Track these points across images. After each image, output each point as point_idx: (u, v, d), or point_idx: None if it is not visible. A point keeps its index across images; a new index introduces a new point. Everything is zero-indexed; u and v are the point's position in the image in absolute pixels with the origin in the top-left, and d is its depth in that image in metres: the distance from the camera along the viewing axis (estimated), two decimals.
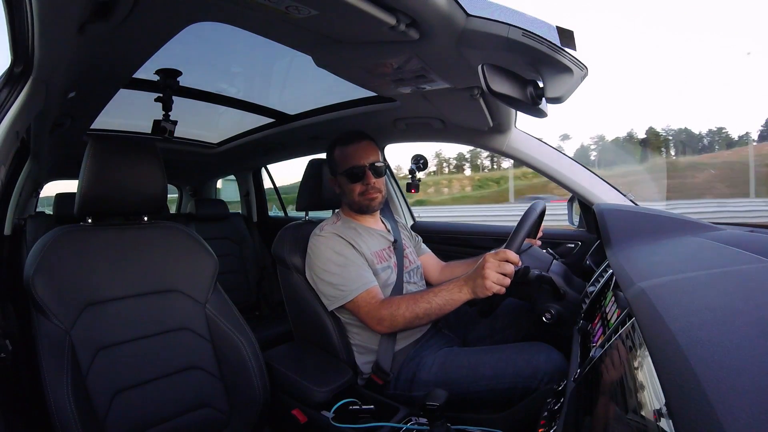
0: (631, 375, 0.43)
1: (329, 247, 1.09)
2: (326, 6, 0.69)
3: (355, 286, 1.04)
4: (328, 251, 1.08)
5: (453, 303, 0.96)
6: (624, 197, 1.32)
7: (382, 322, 1.01)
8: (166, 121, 1.54)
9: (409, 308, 0.98)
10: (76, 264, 0.86)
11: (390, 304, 1.01)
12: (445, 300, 0.96)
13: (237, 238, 2.47)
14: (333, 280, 1.06)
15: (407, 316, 0.98)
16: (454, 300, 0.96)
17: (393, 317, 1.00)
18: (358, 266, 1.07)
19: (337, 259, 1.07)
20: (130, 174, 0.91)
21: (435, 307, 0.97)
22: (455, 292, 0.96)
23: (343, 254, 1.08)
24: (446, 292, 0.97)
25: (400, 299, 1.01)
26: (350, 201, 1.18)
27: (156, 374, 0.90)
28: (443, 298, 0.97)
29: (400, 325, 1.01)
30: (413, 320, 0.99)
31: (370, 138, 1.19)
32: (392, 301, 1.02)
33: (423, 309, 0.97)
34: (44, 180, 2.55)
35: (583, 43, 0.69)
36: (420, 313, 0.98)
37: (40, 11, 0.65)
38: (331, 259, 1.07)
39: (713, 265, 0.62)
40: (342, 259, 1.07)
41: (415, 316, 0.98)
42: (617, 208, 1.08)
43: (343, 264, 1.06)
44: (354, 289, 1.04)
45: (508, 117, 1.27)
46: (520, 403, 0.95)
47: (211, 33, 1.09)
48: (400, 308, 0.99)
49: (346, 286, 1.04)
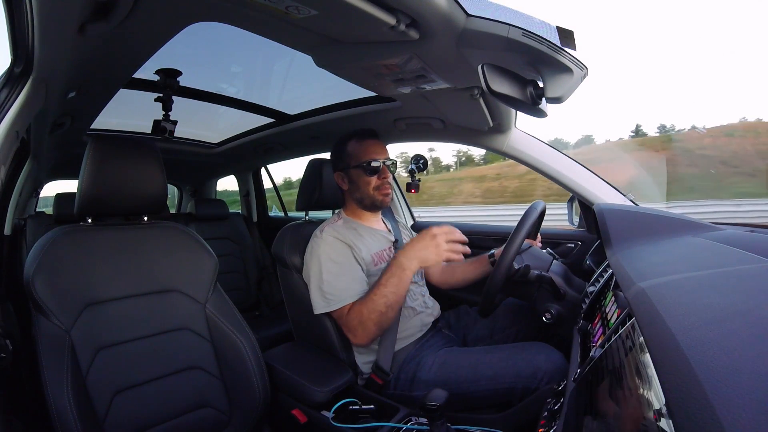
0: (631, 375, 0.43)
1: (325, 253, 1.09)
2: (326, 6, 0.69)
3: (340, 297, 1.05)
4: (324, 256, 1.08)
5: (404, 282, 1.00)
6: (624, 197, 1.32)
7: (357, 333, 1.03)
8: (166, 121, 1.54)
9: (371, 309, 1.00)
10: (76, 264, 0.86)
11: (355, 314, 1.02)
12: (395, 284, 1.00)
13: (237, 238, 2.47)
14: (322, 287, 1.06)
15: (373, 317, 1.00)
16: (403, 280, 1.00)
17: (363, 325, 1.01)
18: (348, 277, 1.07)
19: (330, 267, 1.07)
20: (130, 174, 0.91)
21: (391, 296, 0.99)
22: (399, 272, 1.00)
23: (337, 262, 1.08)
24: (392, 278, 1.00)
25: (360, 306, 1.02)
26: (363, 195, 1.18)
27: (156, 374, 0.90)
28: (392, 284, 1.00)
29: (373, 329, 1.01)
30: (381, 319, 1.00)
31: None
32: (354, 311, 1.03)
33: (382, 303, 0.99)
34: (44, 180, 2.55)
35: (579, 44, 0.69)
36: (382, 309, 0.99)
37: (40, 11, 0.65)
38: (325, 265, 1.07)
39: (713, 265, 0.62)
40: (336, 267, 1.07)
41: (380, 313, 0.99)
42: (617, 208, 1.08)
43: (335, 273, 1.07)
44: (338, 300, 1.05)
45: (508, 117, 1.27)
46: (520, 403, 0.95)
47: (211, 33, 1.09)
48: (363, 315, 1.01)
49: (333, 296, 1.05)
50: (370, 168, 1.15)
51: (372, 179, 1.17)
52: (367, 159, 1.16)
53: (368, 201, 1.19)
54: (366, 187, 1.17)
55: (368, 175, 1.16)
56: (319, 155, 1.74)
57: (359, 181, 1.18)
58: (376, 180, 1.17)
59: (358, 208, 1.22)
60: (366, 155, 1.16)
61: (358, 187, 1.18)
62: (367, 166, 1.15)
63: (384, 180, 1.17)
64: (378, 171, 1.16)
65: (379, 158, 1.17)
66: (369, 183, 1.17)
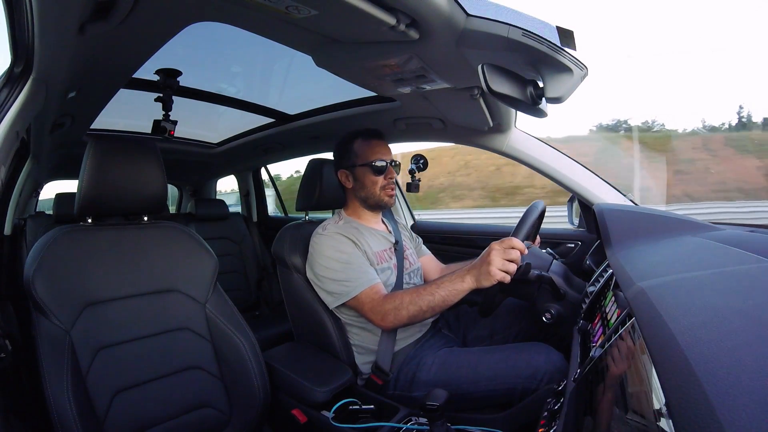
0: (631, 375, 0.43)
1: (332, 246, 1.09)
2: (326, 6, 0.69)
3: (359, 282, 1.04)
4: (331, 249, 1.08)
5: (456, 294, 0.95)
6: (624, 197, 1.32)
7: (386, 317, 1.00)
8: (166, 121, 1.54)
9: (413, 302, 0.97)
10: (76, 264, 0.86)
11: (393, 298, 1.00)
12: (448, 291, 0.95)
13: (237, 238, 2.47)
14: (337, 276, 1.06)
15: (411, 309, 0.97)
16: (457, 291, 0.95)
17: (397, 311, 0.99)
18: (361, 263, 1.07)
19: (340, 257, 1.07)
20: (130, 174, 0.91)
21: (438, 300, 0.96)
22: (458, 282, 0.95)
23: (346, 252, 1.08)
24: (449, 284, 0.95)
25: (403, 293, 1.00)
26: (368, 194, 1.19)
27: (156, 374, 0.90)
28: (446, 289, 0.95)
29: (404, 320, 0.99)
30: (417, 314, 0.98)
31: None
32: (395, 295, 1.01)
33: (426, 302, 0.96)
34: (44, 180, 2.55)
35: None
36: (424, 306, 0.97)
37: (40, 11, 0.65)
38: (334, 256, 1.07)
39: (713, 265, 0.62)
40: (345, 256, 1.07)
41: (419, 309, 0.97)
42: (617, 208, 1.08)
43: (346, 261, 1.06)
44: (358, 285, 1.04)
45: (508, 117, 1.27)
46: (520, 403, 0.95)
47: (211, 33, 1.09)
48: (403, 302, 0.98)
49: (351, 282, 1.04)
50: (377, 167, 1.16)
51: (379, 179, 1.17)
52: (375, 158, 1.16)
53: (373, 200, 1.19)
54: (372, 187, 1.18)
55: (375, 174, 1.17)
56: (319, 155, 1.74)
57: (365, 179, 1.18)
58: (382, 179, 1.17)
59: (360, 208, 1.22)
60: (373, 154, 1.17)
61: (363, 186, 1.19)
62: (374, 166, 1.16)
63: (390, 180, 1.18)
64: (385, 171, 1.17)
65: (386, 158, 1.17)
66: (375, 182, 1.17)
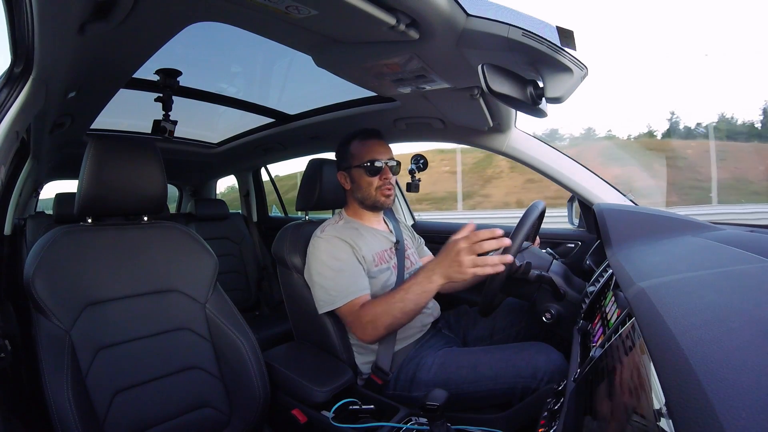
0: (631, 375, 0.43)
1: (327, 251, 1.08)
2: (326, 6, 0.69)
3: (345, 293, 1.04)
4: (325, 255, 1.08)
5: (427, 295, 0.95)
6: (624, 197, 1.32)
7: (365, 331, 1.01)
8: (166, 121, 1.54)
9: (385, 312, 0.97)
10: (76, 264, 0.86)
11: (367, 312, 1.00)
12: (418, 294, 0.95)
13: (237, 238, 2.47)
14: (326, 284, 1.06)
15: (385, 320, 0.97)
16: (426, 292, 0.94)
17: (374, 324, 0.99)
18: (352, 273, 1.06)
19: (333, 264, 1.07)
20: (130, 174, 0.91)
21: (410, 305, 0.95)
22: (425, 283, 0.94)
23: (339, 259, 1.07)
24: (417, 286, 0.95)
25: (375, 305, 1.00)
26: (364, 196, 1.18)
27: (156, 374, 0.90)
28: (415, 292, 0.95)
29: (382, 331, 0.99)
30: (393, 323, 0.98)
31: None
32: (368, 309, 1.00)
33: (398, 309, 0.96)
34: (44, 180, 2.55)
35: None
36: (397, 314, 0.96)
37: (40, 11, 0.65)
38: (327, 263, 1.07)
39: (713, 265, 0.62)
40: (338, 264, 1.07)
41: (393, 318, 0.97)
42: (617, 208, 1.08)
43: (338, 269, 1.06)
44: (343, 296, 1.04)
45: (508, 117, 1.27)
46: (520, 403, 0.95)
47: (211, 33, 1.09)
48: (377, 314, 0.98)
49: (337, 292, 1.04)
50: (372, 168, 1.15)
51: (374, 179, 1.17)
52: (370, 159, 1.16)
53: (369, 201, 1.18)
54: (368, 188, 1.17)
55: (370, 175, 1.16)
56: (319, 155, 1.74)
57: (361, 181, 1.18)
58: (378, 180, 1.17)
59: (359, 208, 1.22)
60: (368, 155, 1.16)
61: (359, 187, 1.18)
62: (369, 166, 1.15)
63: (386, 180, 1.17)
64: (380, 171, 1.16)
65: (382, 158, 1.16)
66: (371, 183, 1.17)
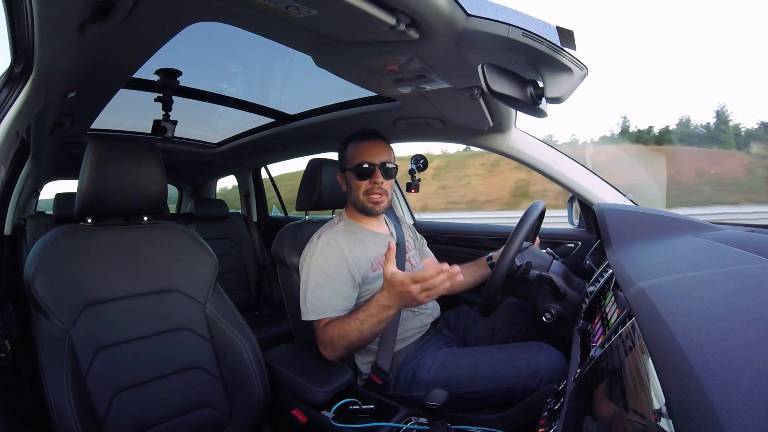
0: (631, 375, 0.43)
1: (316, 263, 1.08)
2: (326, 6, 0.69)
3: (318, 309, 1.04)
4: (313, 265, 1.08)
5: (384, 322, 0.95)
6: (624, 197, 1.32)
7: (326, 349, 1.03)
8: (166, 121, 1.54)
9: (342, 336, 0.98)
10: (76, 264, 0.86)
11: (327, 332, 1.01)
12: (374, 323, 0.94)
13: (237, 238, 2.47)
14: (307, 295, 1.06)
15: (342, 343, 0.99)
16: (383, 320, 0.94)
17: (332, 345, 1.01)
18: (334, 290, 1.05)
19: (318, 278, 1.06)
20: (130, 174, 0.91)
21: (367, 331, 0.96)
22: (382, 313, 0.92)
23: (326, 273, 1.06)
24: (373, 318, 0.93)
25: (334, 327, 1.00)
26: (354, 199, 1.16)
27: (156, 374, 0.90)
28: (371, 322, 0.94)
29: (341, 352, 1.01)
30: (349, 346, 0.99)
31: (385, 139, 1.18)
32: (330, 328, 1.01)
33: (355, 335, 0.96)
34: (44, 180, 2.55)
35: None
36: (353, 339, 0.97)
37: (40, 11, 0.65)
38: (312, 274, 1.07)
39: (713, 265, 0.62)
40: (323, 278, 1.06)
41: (350, 342, 0.98)
42: (617, 208, 1.08)
43: (322, 284, 1.05)
44: (314, 312, 1.04)
45: (508, 117, 1.27)
46: (520, 403, 0.95)
47: (211, 33, 1.09)
48: (334, 337, 0.99)
49: (313, 306, 1.05)
50: (359, 170, 1.11)
51: (362, 183, 1.12)
52: (359, 161, 1.11)
53: (359, 205, 1.16)
54: (356, 191, 1.14)
55: (358, 178, 1.12)
56: (319, 155, 1.74)
57: (351, 183, 1.15)
58: (366, 184, 1.12)
59: (356, 211, 1.22)
60: (359, 157, 1.12)
61: (351, 190, 1.16)
62: (356, 169, 1.11)
63: (374, 185, 1.11)
64: (369, 175, 1.11)
65: (372, 160, 1.11)
66: (359, 187, 1.13)
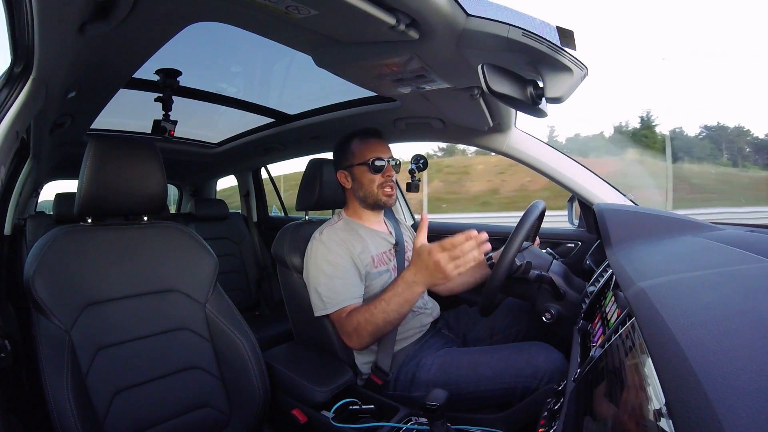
0: (631, 375, 0.43)
1: (323, 255, 1.09)
2: (326, 6, 0.69)
3: (335, 301, 1.05)
4: (321, 259, 1.08)
5: (410, 303, 0.96)
6: (624, 197, 1.32)
7: (351, 338, 1.02)
8: (166, 121, 1.54)
9: (368, 321, 0.98)
10: (76, 264, 0.86)
11: (352, 319, 1.01)
12: (400, 304, 0.95)
13: (237, 238, 2.47)
14: (319, 289, 1.06)
15: (369, 328, 0.98)
16: (409, 300, 0.95)
17: (358, 332, 1.00)
18: (344, 280, 1.06)
19: (327, 269, 1.07)
20: (130, 174, 0.91)
21: (393, 313, 0.96)
22: (408, 293, 0.94)
23: (334, 264, 1.07)
24: (399, 297, 0.95)
25: (359, 314, 1.00)
26: (366, 194, 1.18)
27: (156, 374, 0.90)
28: (397, 302, 0.95)
29: (367, 338, 1.00)
30: (376, 331, 0.99)
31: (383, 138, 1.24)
32: (353, 317, 1.01)
33: (382, 318, 0.96)
34: (44, 180, 2.55)
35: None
36: (380, 323, 0.97)
37: (40, 11, 0.65)
38: (322, 268, 1.07)
39: (713, 265, 0.62)
40: (332, 269, 1.07)
41: (376, 326, 0.97)
42: (617, 208, 1.08)
43: (331, 275, 1.06)
44: (333, 303, 1.05)
45: (508, 117, 1.27)
46: (520, 403, 0.95)
47: (211, 33, 1.09)
48: (360, 323, 0.99)
49: (329, 299, 1.05)
50: (374, 166, 1.16)
51: (376, 177, 1.17)
52: (372, 157, 1.16)
53: (371, 199, 1.19)
54: (370, 185, 1.17)
55: (373, 172, 1.17)
56: (319, 155, 1.74)
57: (363, 178, 1.18)
58: (380, 178, 1.17)
59: (360, 208, 1.22)
60: (371, 153, 1.17)
61: (361, 185, 1.18)
62: (371, 164, 1.16)
63: (388, 178, 1.18)
64: (382, 169, 1.17)
65: (384, 156, 1.17)
66: (373, 181, 1.17)
